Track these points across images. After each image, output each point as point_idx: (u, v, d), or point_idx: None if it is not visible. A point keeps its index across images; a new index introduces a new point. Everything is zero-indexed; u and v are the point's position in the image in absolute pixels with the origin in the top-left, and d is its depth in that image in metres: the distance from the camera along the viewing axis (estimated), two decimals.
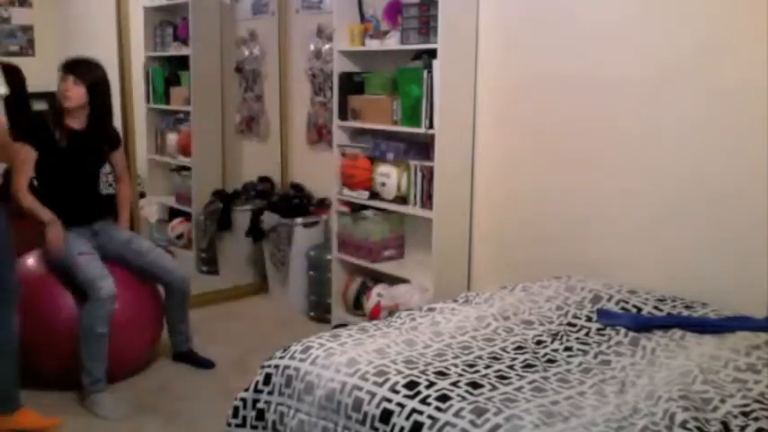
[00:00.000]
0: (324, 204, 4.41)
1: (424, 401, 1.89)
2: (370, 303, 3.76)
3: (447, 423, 1.80)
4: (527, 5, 3.33)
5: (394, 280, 3.76)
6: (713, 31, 2.72)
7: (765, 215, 2.62)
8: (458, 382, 1.99)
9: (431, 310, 2.63)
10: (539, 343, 2.35)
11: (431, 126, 3.46)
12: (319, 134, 4.45)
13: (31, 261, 3.29)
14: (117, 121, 4.07)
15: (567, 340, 2.38)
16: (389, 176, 3.72)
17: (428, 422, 1.83)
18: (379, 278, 3.86)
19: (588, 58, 3.11)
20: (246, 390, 2.29)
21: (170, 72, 5.17)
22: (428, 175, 3.55)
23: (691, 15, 2.78)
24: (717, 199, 2.75)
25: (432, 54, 3.44)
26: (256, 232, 4.50)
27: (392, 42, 3.71)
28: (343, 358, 2.15)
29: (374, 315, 3.62)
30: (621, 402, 1.93)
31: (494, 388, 1.97)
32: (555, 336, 2.40)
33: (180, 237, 5.19)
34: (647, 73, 2.91)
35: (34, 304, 3.06)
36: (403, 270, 3.77)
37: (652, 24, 2.89)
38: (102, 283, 3.05)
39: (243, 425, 2.26)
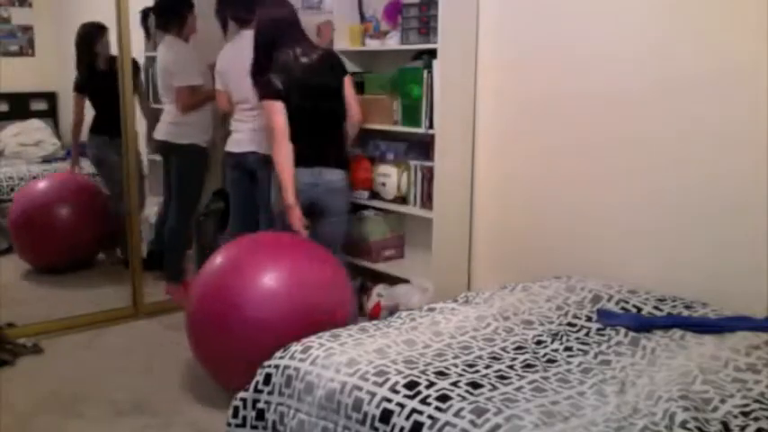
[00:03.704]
0: None
1: (424, 401, 1.89)
2: (370, 303, 3.76)
3: (447, 423, 1.80)
4: (527, 5, 3.33)
5: (394, 280, 3.76)
6: (712, 42, 2.72)
7: (765, 215, 2.63)
8: (458, 382, 1.99)
9: (431, 310, 2.63)
10: (539, 343, 2.35)
11: (431, 126, 3.47)
12: None
13: None
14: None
15: (567, 340, 2.38)
16: (389, 176, 3.72)
17: (428, 422, 1.83)
18: (379, 278, 3.86)
19: (590, 58, 3.10)
20: (246, 390, 2.29)
21: None
22: (428, 175, 3.55)
23: (691, 28, 2.78)
24: (717, 199, 2.75)
25: (432, 54, 3.44)
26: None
27: (392, 42, 3.71)
28: (344, 358, 2.15)
29: (374, 315, 3.62)
30: (621, 402, 1.93)
31: (494, 388, 1.97)
32: (555, 336, 2.40)
33: None
34: (651, 77, 2.91)
35: None
36: (403, 270, 3.77)
37: (654, 34, 2.89)
38: None
39: (243, 425, 2.26)
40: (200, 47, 4.36)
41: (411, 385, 1.96)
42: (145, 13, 4.49)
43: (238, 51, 3.73)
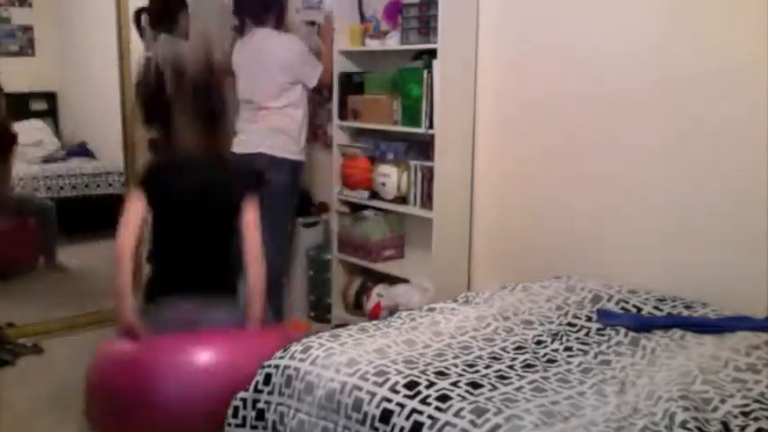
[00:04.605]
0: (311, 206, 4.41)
1: (424, 401, 1.89)
2: (370, 303, 3.76)
3: (447, 423, 1.80)
4: (527, 5, 3.33)
5: (394, 280, 3.76)
6: (712, 42, 2.72)
7: (765, 215, 2.63)
8: (458, 382, 1.99)
9: (431, 310, 2.63)
10: (539, 343, 2.35)
11: (431, 126, 3.47)
12: (315, 134, 4.43)
13: None
14: (117, 122, 4.10)
15: (567, 340, 2.38)
16: (389, 176, 3.72)
17: (428, 422, 1.83)
18: (379, 278, 3.86)
19: (590, 58, 3.10)
20: (246, 390, 2.29)
21: None
22: (428, 175, 3.55)
23: (691, 28, 2.78)
24: (717, 199, 2.75)
25: (432, 54, 3.44)
26: None
27: (392, 42, 3.71)
28: (344, 358, 2.15)
29: (374, 315, 3.62)
30: (621, 402, 1.93)
31: (494, 388, 1.97)
32: (555, 336, 2.41)
33: None
34: (651, 77, 2.91)
35: None
36: (403, 270, 3.77)
37: (654, 34, 2.89)
38: None
39: (243, 425, 2.26)
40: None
41: (411, 385, 1.96)
42: (138, 13, 4.48)
43: (249, 48, 3.81)
